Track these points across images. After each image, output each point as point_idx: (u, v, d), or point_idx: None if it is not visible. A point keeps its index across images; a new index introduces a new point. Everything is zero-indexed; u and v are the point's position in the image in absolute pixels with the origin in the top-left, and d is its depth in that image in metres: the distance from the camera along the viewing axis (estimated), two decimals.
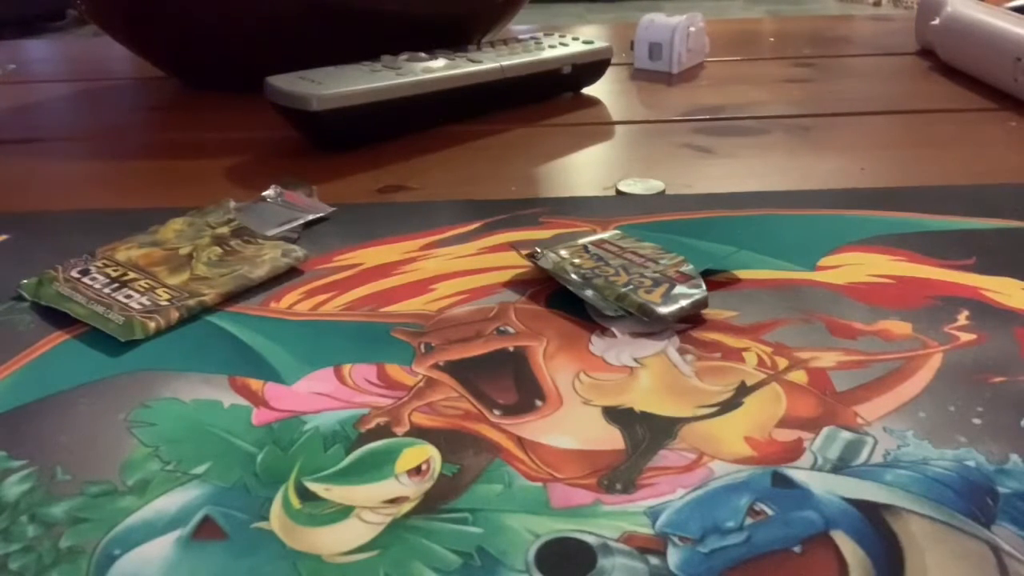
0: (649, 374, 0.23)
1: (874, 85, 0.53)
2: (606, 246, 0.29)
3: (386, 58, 0.46)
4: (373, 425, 0.21)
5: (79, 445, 0.21)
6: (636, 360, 0.24)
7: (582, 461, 0.20)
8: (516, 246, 0.30)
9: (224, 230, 0.31)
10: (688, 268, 0.27)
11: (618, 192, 0.36)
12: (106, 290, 0.27)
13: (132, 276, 0.28)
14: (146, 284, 0.28)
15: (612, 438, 0.21)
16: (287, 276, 0.29)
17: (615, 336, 0.25)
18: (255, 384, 0.23)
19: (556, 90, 0.52)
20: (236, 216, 0.32)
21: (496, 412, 0.22)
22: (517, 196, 0.36)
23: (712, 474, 0.19)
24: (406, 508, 0.19)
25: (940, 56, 0.57)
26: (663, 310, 0.25)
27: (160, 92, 0.57)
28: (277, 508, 0.19)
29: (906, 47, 0.63)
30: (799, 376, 0.23)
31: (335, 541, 0.18)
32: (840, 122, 0.46)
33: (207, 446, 0.21)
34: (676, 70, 0.57)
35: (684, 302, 0.26)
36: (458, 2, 0.53)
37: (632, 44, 0.58)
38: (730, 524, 0.18)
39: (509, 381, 0.23)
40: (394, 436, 0.21)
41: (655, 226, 0.32)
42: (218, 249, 0.30)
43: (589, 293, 0.26)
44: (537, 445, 0.21)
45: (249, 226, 0.32)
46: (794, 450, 0.20)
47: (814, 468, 0.19)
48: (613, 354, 0.24)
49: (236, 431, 0.21)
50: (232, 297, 0.28)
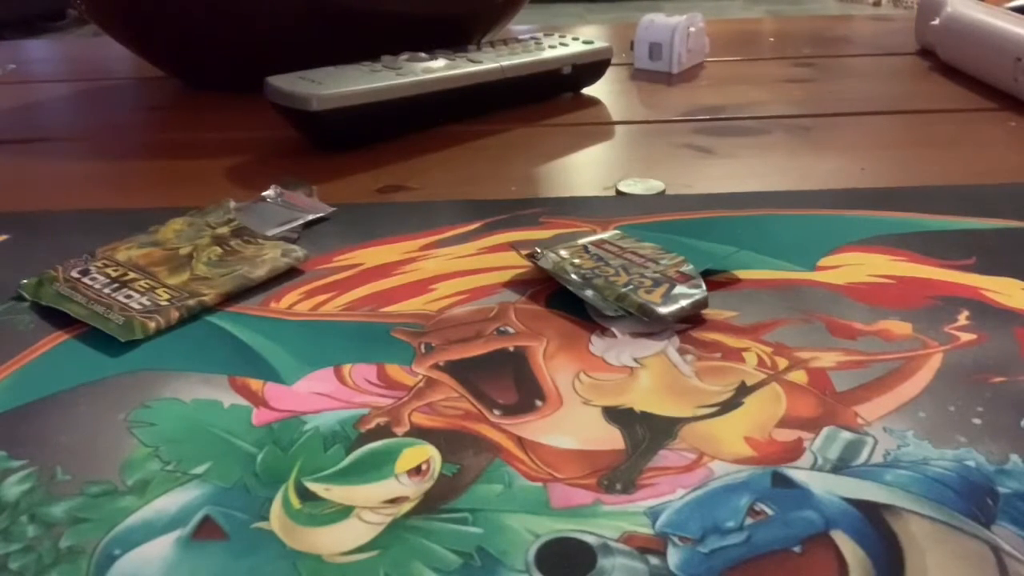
0: (649, 374, 0.23)
1: (874, 85, 0.53)
2: (606, 246, 0.29)
3: (386, 58, 0.46)
4: (373, 425, 0.21)
5: (79, 445, 0.21)
6: (636, 360, 0.24)
7: (582, 461, 0.20)
8: (516, 246, 0.30)
9: (224, 230, 0.31)
10: (688, 268, 0.27)
11: (618, 192, 0.36)
12: (106, 290, 0.27)
13: (132, 276, 0.28)
14: (146, 284, 0.28)
15: (612, 438, 0.21)
16: (287, 276, 0.29)
17: (615, 336, 0.25)
18: (255, 384, 0.23)
19: (556, 90, 0.52)
20: (236, 216, 0.32)
21: (496, 412, 0.22)
22: (517, 196, 0.36)
23: (712, 474, 0.19)
24: (406, 508, 0.19)
25: (940, 56, 0.57)
26: (663, 310, 0.25)
27: (160, 92, 0.57)
28: (277, 508, 0.19)
29: (906, 47, 0.63)
30: (799, 376, 0.23)
31: (335, 541, 0.18)
32: (840, 122, 0.46)
33: (207, 446, 0.21)
34: (676, 70, 0.57)
35: (684, 302, 0.26)
36: (458, 2, 0.53)
37: (632, 44, 0.58)
38: (730, 524, 0.18)
39: (509, 381, 0.23)
40: (394, 436, 0.21)
41: (655, 226, 0.32)
42: (218, 249, 0.30)
43: (589, 293, 0.26)
44: (537, 445, 0.21)
45: (249, 226, 0.32)
46: (794, 450, 0.20)
47: (814, 468, 0.19)
48: (613, 354, 0.24)
49: (236, 431, 0.21)
50: (232, 297, 0.28)
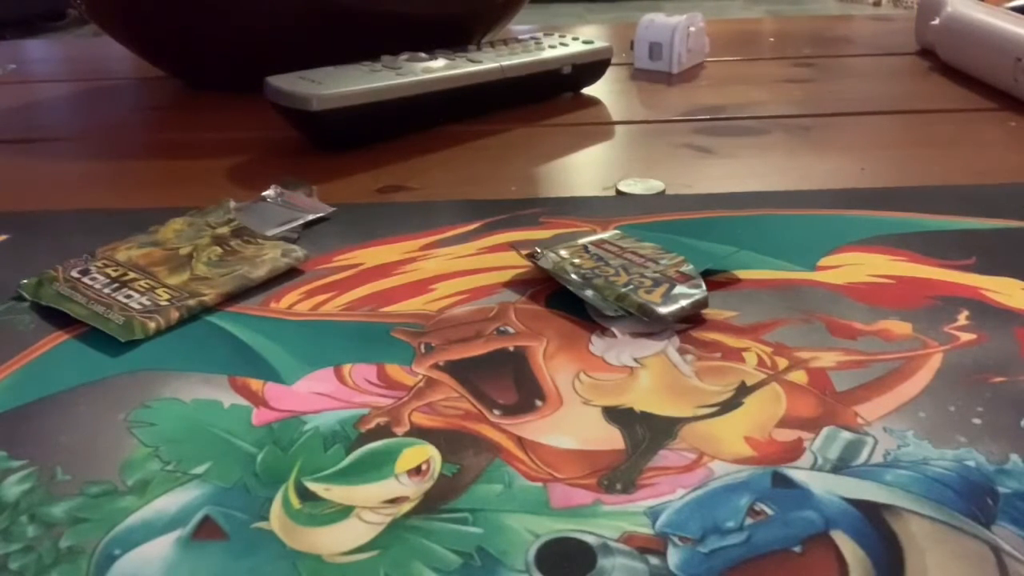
0: (649, 374, 0.23)
1: (874, 85, 0.53)
2: (606, 246, 0.29)
3: (386, 58, 0.46)
4: (373, 425, 0.21)
5: (79, 445, 0.21)
6: (636, 360, 0.24)
7: (582, 461, 0.20)
8: (516, 246, 0.30)
9: (224, 230, 0.31)
10: (688, 268, 0.27)
11: (618, 192, 0.36)
12: (106, 290, 0.27)
13: (132, 276, 0.28)
14: (146, 284, 0.28)
15: (612, 438, 0.21)
16: (287, 276, 0.29)
17: (615, 336, 0.25)
18: (255, 384, 0.23)
19: (556, 90, 0.52)
20: (236, 216, 0.32)
21: (496, 412, 0.22)
22: (517, 196, 0.36)
23: (712, 474, 0.19)
24: (406, 508, 0.19)
25: (940, 56, 0.57)
26: (663, 310, 0.25)
27: (160, 92, 0.57)
28: (277, 508, 0.19)
29: (906, 47, 0.63)
30: (799, 376, 0.23)
31: (335, 541, 0.18)
32: (840, 122, 0.46)
33: (207, 446, 0.21)
34: (676, 70, 0.57)
35: (684, 302, 0.26)
36: (458, 2, 0.53)
37: (632, 44, 0.58)
38: (730, 524, 0.18)
39: (509, 381, 0.23)
40: (394, 436, 0.21)
41: (655, 226, 0.32)
42: (218, 249, 0.30)
43: (589, 293, 0.26)
44: (537, 445, 0.21)
45: (249, 226, 0.32)
46: (794, 450, 0.20)
47: (814, 468, 0.19)
48: (613, 354, 0.24)
49: (236, 431, 0.21)
50: (232, 297, 0.28)
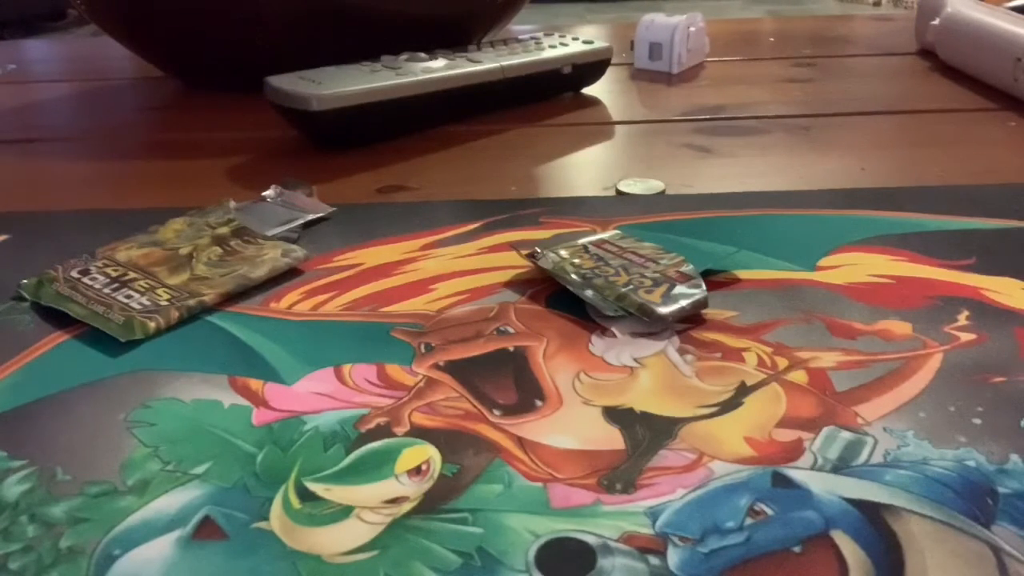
0: (649, 374, 0.23)
1: (874, 85, 0.53)
2: (606, 246, 0.29)
3: (386, 58, 0.46)
4: (373, 425, 0.21)
5: (79, 445, 0.21)
6: (636, 360, 0.24)
7: (582, 461, 0.20)
8: (516, 246, 0.30)
9: (224, 230, 0.31)
10: (688, 268, 0.27)
11: (618, 192, 0.36)
12: (106, 290, 0.27)
13: (132, 276, 0.28)
14: (146, 284, 0.28)
15: (612, 438, 0.21)
16: (287, 276, 0.29)
17: (615, 336, 0.25)
18: (255, 384, 0.23)
19: (556, 90, 0.52)
20: (236, 216, 0.32)
21: (496, 412, 0.22)
22: (517, 196, 0.36)
23: (712, 474, 0.19)
24: (406, 508, 0.19)
25: (940, 56, 0.57)
26: (663, 310, 0.25)
27: (160, 92, 0.57)
28: (277, 508, 0.19)
29: (906, 47, 0.63)
30: (799, 376, 0.23)
31: (335, 541, 0.18)
32: (840, 122, 0.46)
33: (207, 446, 0.21)
34: (676, 70, 0.57)
35: (684, 302, 0.26)
36: (458, 2, 0.53)
37: (632, 44, 0.58)
38: (730, 524, 0.18)
39: (509, 381, 0.23)
40: (394, 436, 0.21)
41: (655, 226, 0.32)
42: (218, 249, 0.30)
43: (589, 293, 0.26)
44: (537, 445, 0.21)
45: (249, 226, 0.32)
46: (794, 450, 0.20)
47: (814, 468, 0.19)
48: (613, 354, 0.24)
49: (236, 431, 0.21)
50: (232, 297, 0.28)
